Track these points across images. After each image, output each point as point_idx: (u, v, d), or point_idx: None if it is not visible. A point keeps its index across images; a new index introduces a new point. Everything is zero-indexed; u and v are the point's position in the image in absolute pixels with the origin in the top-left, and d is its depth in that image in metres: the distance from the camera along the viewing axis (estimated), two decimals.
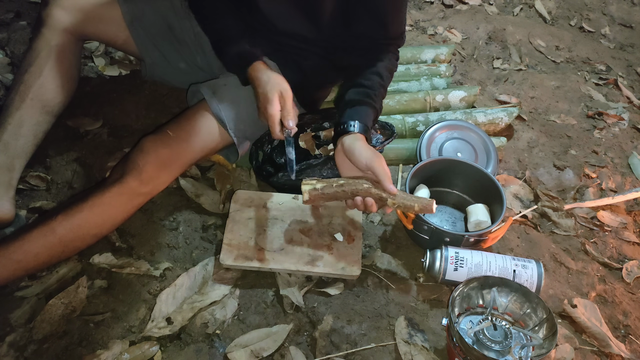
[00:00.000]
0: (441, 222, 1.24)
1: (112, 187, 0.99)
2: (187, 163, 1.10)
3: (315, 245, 1.12)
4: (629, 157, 1.52)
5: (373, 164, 0.99)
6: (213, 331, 1.00)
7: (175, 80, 1.36)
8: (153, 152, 1.02)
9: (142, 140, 1.05)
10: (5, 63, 1.51)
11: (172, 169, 1.06)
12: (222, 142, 1.15)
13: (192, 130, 1.09)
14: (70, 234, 0.97)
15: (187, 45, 1.27)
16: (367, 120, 1.07)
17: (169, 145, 1.05)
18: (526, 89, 1.73)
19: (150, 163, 1.01)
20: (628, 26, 2.20)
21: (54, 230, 0.95)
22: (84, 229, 0.98)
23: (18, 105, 1.09)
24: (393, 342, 1.01)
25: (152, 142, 1.04)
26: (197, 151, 1.10)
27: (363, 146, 1.02)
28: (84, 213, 0.97)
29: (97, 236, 1.02)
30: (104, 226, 1.01)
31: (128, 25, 1.20)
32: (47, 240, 0.95)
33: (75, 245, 0.99)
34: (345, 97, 1.11)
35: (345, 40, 1.19)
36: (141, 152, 1.02)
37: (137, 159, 1.01)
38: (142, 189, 1.01)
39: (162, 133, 1.07)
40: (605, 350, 1.04)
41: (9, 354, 0.93)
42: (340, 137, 1.05)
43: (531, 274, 1.06)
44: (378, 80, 1.12)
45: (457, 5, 2.16)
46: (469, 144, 1.35)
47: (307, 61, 1.21)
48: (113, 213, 1.01)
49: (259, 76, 1.06)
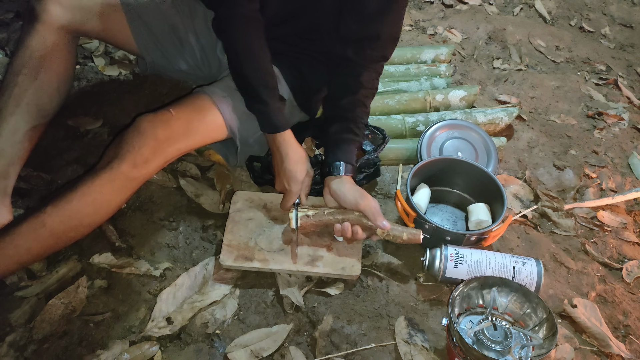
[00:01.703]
0: (442, 221, 1.24)
1: (102, 173, 0.93)
2: (185, 148, 1.05)
3: (315, 245, 1.12)
4: (629, 157, 1.52)
5: (359, 207, 1.05)
6: (213, 331, 1.00)
7: (173, 76, 1.35)
8: (151, 133, 0.96)
9: (138, 120, 0.98)
10: (5, 63, 1.51)
11: (169, 152, 1.00)
12: (223, 137, 1.13)
13: (196, 116, 1.05)
14: (61, 226, 0.93)
15: (189, 46, 1.25)
16: (352, 158, 1.11)
17: (170, 126, 0.99)
18: (526, 89, 1.73)
19: (147, 145, 0.95)
20: (628, 26, 2.20)
21: (44, 222, 0.91)
22: (75, 220, 0.94)
23: (12, 110, 1.03)
24: (393, 342, 1.01)
25: (150, 121, 0.98)
26: (197, 138, 1.06)
27: (349, 189, 1.07)
28: (74, 203, 0.92)
29: (90, 226, 0.97)
30: (97, 215, 0.96)
31: (129, 23, 1.17)
32: (38, 234, 0.91)
33: (68, 236, 0.95)
34: (330, 132, 1.13)
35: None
36: (137, 132, 0.96)
37: (132, 140, 0.95)
38: (135, 173, 0.95)
39: (162, 112, 1.01)
40: (605, 350, 1.04)
41: (9, 354, 0.93)
42: (327, 177, 1.10)
43: (530, 270, 1.06)
44: (361, 110, 1.15)
45: (457, 5, 2.16)
46: (469, 144, 1.35)
47: (308, 65, 1.21)
48: (105, 201, 0.95)
49: (287, 150, 1.08)
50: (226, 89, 1.10)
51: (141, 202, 1.21)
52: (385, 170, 1.36)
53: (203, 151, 1.31)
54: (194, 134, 1.05)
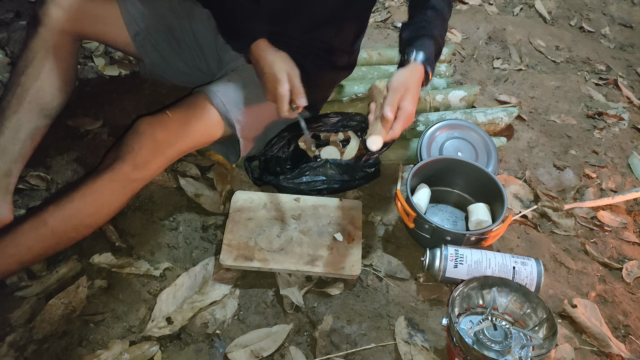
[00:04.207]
0: (442, 221, 1.24)
1: (104, 174, 0.95)
2: (184, 149, 1.06)
3: (315, 245, 1.12)
4: (629, 157, 1.52)
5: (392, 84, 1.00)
6: (213, 331, 1.00)
7: (174, 79, 1.35)
8: (149, 135, 0.98)
9: (137, 122, 1.00)
10: (5, 63, 1.51)
11: (168, 153, 1.02)
12: (221, 133, 1.13)
13: (193, 115, 1.06)
14: (63, 225, 0.94)
15: (186, 46, 1.26)
16: (426, 50, 1.05)
17: (168, 128, 1.01)
18: (526, 89, 1.73)
19: (146, 146, 0.97)
20: (628, 26, 2.20)
21: (46, 222, 0.92)
22: (76, 220, 0.95)
23: (15, 109, 1.06)
24: (393, 342, 1.01)
25: (149, 124, 1.00)
26: (196, 137, 1.07)
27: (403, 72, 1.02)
28: (75, 203, 0.94)
29: (91, 226, 0.98)
30: (98, 215, 0.98)
31: (127, 26, 1.18)
32: (39, 233, 0.92)
33: (69, 236, 0.96)
34: (402, 38, 1.10)
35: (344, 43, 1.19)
36: (136, 134, 0.98)
37: (131, 142, 0.97)
38: (136, 174, 0.97)
39: (159, 115, 1.03)
40: (605, 350, 1.04)
41: (9, 354, 0.93)
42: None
43: (530, 270, 1.06)
44: (431, 13, 1.09)
45: (457, 5, 2.16)
46: (469, 144, 1.34)
47: (308, 60, 1.21)
48: (106, 201, 0.97)
49: (264, 55, 1.04)
50: (221, 85, 1.11)
51: (141, 202, 1.21)
52: (386, 170, 1.36)
53: (204, 151, 1.31)
54: (192, 133, 1.06)
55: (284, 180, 1.22)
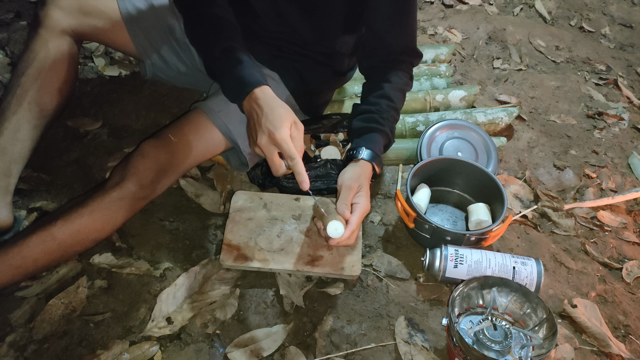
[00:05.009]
0: (442, 221, 1.24)
1: (112, 192, 0.99)
2: (187, 168, 1.10)
3: (315, 245, 1.12)
4: (629, 157, 1.52)
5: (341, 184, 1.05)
6: (213, 331, 1.00)
7: (174, 80, 1.35)
8: (154, 157, 1.02)
9: (142, 145, 1.04)
10: (5, 63, 1.51)
11: (172, 173, 1.06)
12: (224, 148, 1.15)
13: (194, 136, 1.08)
14: (70, 239, 0.96)
15: (186, 47, 1.26)
16: (374, 145, 1.09)
17: (170, 151, 1.05)
18: (526, 89, 1.73)
19: (150, 168, 1.01)
20: (628, 26, 2.20)
21: (54, 236, 0.94)
22: (83, 234, 0.97)
23: (15, 110, 1.06)
24: (393, 342, 1.01)
25: (153, 146, 1.03)
26: (198, 157, 1.11)
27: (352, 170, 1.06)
28: (84, 218, 0.96)
29: (96, 240, 1.01)
30: (104, 230, 1.01)
31: (127, 26, 1.19)
32: (47, 246, 0.94)
33: (74, 249, 0.99)
34: (353, 127, 1.13)
35: (345, 46, 1.18)
36: (141, 156, 1.02)
37: (137, 164, 1.01)
38: (142, 193, 1.01)
39: (163, 137, 1.06)
40: (605, 350, 1.04)
41: (9, 354, 0.93)
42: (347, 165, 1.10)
43: (530, 270, 1.06)
44: (386, 102, 1.12)
45: (457, 5, 2.16)
46: (469, 144, 1.34)
47: (308, 67, 1.21)
48: (113, 217, 1.00)
49: (270, 103, 0.95)
50: (221, 103, 1.11)
51: None
52: (385, 170, 1.36)
53: None
54: (195, 154, 1.09)
55: (284, 180, 1.22)
